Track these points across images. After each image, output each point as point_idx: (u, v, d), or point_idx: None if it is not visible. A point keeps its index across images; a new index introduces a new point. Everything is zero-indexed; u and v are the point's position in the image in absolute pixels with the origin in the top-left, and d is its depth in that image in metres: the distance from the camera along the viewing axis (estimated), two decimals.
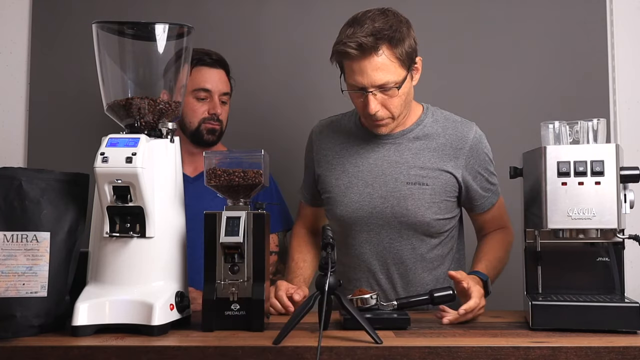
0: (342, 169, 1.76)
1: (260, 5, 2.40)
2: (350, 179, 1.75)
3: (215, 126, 2.00)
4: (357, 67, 1.59)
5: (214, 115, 1.99)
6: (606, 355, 1.17)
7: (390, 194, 1.70)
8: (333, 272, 1.25)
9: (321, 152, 1.82)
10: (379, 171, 1.73)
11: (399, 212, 1.70)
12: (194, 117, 1.98)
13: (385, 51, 1.58)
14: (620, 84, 2.35)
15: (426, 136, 1.73)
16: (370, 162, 1.74)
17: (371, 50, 1.56)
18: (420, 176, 1.70)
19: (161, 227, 1.36)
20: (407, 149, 1.73)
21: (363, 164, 1.74)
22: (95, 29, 1.45)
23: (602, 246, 1.47)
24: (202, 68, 1.99)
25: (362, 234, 1.75)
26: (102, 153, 1.31)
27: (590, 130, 1.42)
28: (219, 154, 1.50)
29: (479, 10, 2.36)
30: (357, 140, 1.78)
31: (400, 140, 1.74)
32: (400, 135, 1.74)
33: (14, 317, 1.28)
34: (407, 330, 1.35)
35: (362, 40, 1.55)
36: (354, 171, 1.75)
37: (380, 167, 1.73)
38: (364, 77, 1.59)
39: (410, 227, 1.71)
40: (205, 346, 1.19)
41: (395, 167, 1.72)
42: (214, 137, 2.01)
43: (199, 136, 2.00)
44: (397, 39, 1.58)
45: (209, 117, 1.99)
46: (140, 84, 1.46)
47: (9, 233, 1.32)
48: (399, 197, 1.70)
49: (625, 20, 2.36)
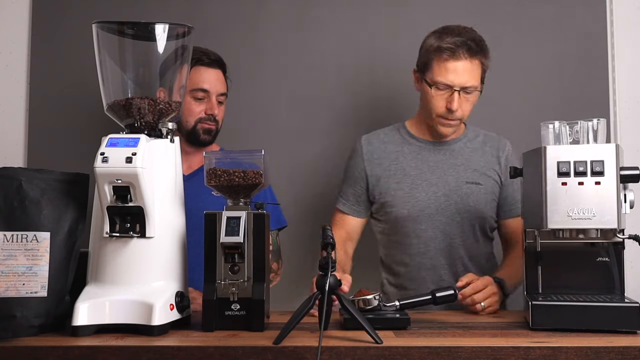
0: (403, 173, 1.92)
1: (260, 5, 2.40)
2: (414, 181, 1.90)
3: (212, 126, 2.00)
4: (452, 66, 1.78)
5: (210, 116, 1.99)
6: (606, 355, 1.17)
7: (454, 192, 1.88)
8: (333, 272, 1.25)
9: (374, 161, 1.95)
10: (440, 172, 1.91)
11: (462, 208, 1.87)
12: (190, 117, 1.98)
13: (479, 60, 1.81)
14: (620, 84, 2.35)
15: (472, 146, 1.95)
16: (430, 165, 1.92)
17: (472, 54, 1.79)
18: (475, 177, 1.90)
19: (161, 227, 1.36)
20: (460, 154, 1.93)
21: (424, 166, 1.92)
22: (95, 29, 1.45)
23: (602, 246, 1.47)
24: (200, 68, 1.99)
25: (427, 232, 1.88)
26: (102, 153, 1.31)
27: (590, 130, 1.42)
28: (219, 153, 1.50)
29: (478, 10, 2.36)
30: (412, 147, 1.95)
31: (453, 147, 1.94)
32: (453, 143, 1.95)
33: (14, 317, 1.28)
34: (407, 330, 1.35)
35: (466, 41, 1.77)
36: (416, 174, 1.91)
37: (441, 168, 1.91)
38: (456, 77, 1.79)
39: (471, 223, 1.88)
40: (205, 346, 1.19)
41: (454, 168, 1.91)
42: (210, 137, 2.01)
43: (195, 136, 2.00)
44: (487, 54, 1.83)
45: (206, 117, 1.99)
46: (140, 84, 1.47)
47: (9, 233, 1.32)
48: (461, 195, 1.88)
49: (625, 20, 2.36)
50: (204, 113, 1.99)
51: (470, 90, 1.81)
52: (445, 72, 1.79)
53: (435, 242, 1.88)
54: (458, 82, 1.79)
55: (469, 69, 1.79)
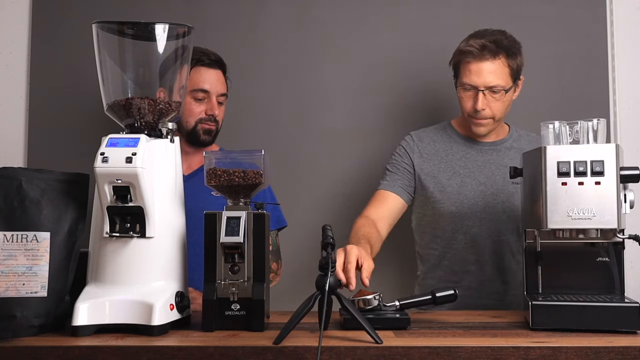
0: (453, 171, 1.99)
1: (260, 5, 2.40)
2: (463, 179, 1.98)
3: (212, 127, 2.00)
4: (475, 67, 1.87)
5: (211, 116, 1.99)
6: (606, 355, 1.17)
7: (501, 191, 1.96)
8: (333, 272, 1.25)
9: (424, 155, 2.02)
10: (488, 172, 1.98)
11: (508, 207, 1.94)
12: (190, 117, 1.98)
13: (501, 59, 1.87)
14: (620, 84, 2.35)
15: (517, 146, 2.00)
16: (479, 164, 1.99)
17: (491, 54, 1.86)
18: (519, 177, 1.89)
19: (161, 227, 1.36)
20: (506, 155, 2.00)
21: (473, 165, 1.99)
22: (95, 29, 1.45)
23: (602, 246, 1.47)
24: (201, 68, 1.99)
25: (473, 228, 1.95)
26: (102, 153, 1.31)
27: (590, 130, 1.42)
28: (219, 153, 1.50)
29: (478, 10, 2.36)
30: (461, 146, 2.03)
31: (499, 147, 2.01)
32: (500, 144, 2.02)
33: (14, 317, 1.28)
34: (407, 330, 1.35)
35: (486, 44, 1.86)
36: (465, 172, 1.98)
37: (489, 168, 1.98)
38: (479, 77, 1.87)
39: (515, 220, 1.92)
40: (205, 346, 1.19)
41: (501, 168, 1.97)
42: (210, 137, 2.01)
43: (195, 136, 2.00)
44: (513, 52, 1.89)
45: (206, 118, 1.99)
46: (140, 84, 1.46)
47: (9, 233, 1.32)
48: (507, 194, 1.95)
49: (625, 20, 2.36)
50: (204, 113, 1.99)
51: (497, 90, 1.88)
52: (469, 74, 1.89)
53: (481, 238, 1.95)
54: (481, 83, 1.87)
55: (492, 69, 1.87)
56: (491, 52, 1.86)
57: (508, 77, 1.89)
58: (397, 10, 2.39)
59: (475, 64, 1.88)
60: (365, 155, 2.35)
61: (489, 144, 2.02)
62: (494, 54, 1.86)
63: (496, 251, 1.96)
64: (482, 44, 1.86)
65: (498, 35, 1.90)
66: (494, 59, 1.87)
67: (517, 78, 1.93)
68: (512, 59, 1.89)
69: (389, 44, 2.37)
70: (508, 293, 1.96)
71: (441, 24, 2.35)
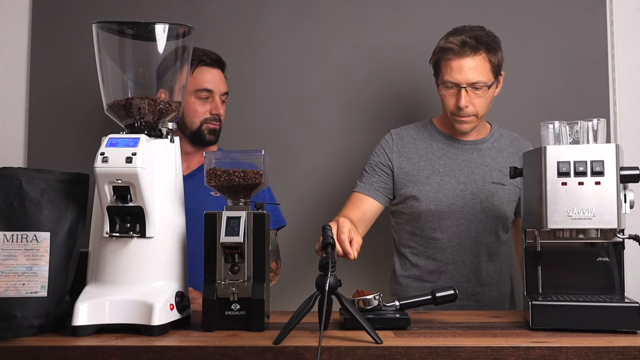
0: (432, 169, 1.97)
1: (260, 5, 2.40)
2: (442, 177, 1.95)
3: (216, 126, 2.01)
4: (456, 64, 1.85)
5: (215, 116, 1.99)
6: (606, 355, 1.17)
7: (480, 191, 1.94)
8: (333, 272, 1.25)
9: (403, 154, 2.00)
10: (468, 171, 1.96)
11: (487, 207, 1.94)
12: (195, 118, 1.99)
13: (482, 54, 1.86)
14: (620, 84, 2.35)
15: (498, 146, 2.01)
16: (459, 163, 1.97)
17: (472, 50, 1.84)
18: (500, 177, 1.96)
19: (161, 227, 1.36)
20: (487, 154, 1.99)
21: (452, 164, 1.97)
22: (95, 29, 1.45)
23: (602, 246, 1.47)
24: (203, 68, 1.99)
25: (452, 228, 1.94)
26: (102, 153, 1.31)
27: (590, 130, 1.42)
28: (219, 153, 1.50)
29: (478, 10, 2.36)
30: (441, 144, 2.00)
31: (480, 146, 2.00)
32: (480, 143, 2.00)
33: (14, 317, 1.28)
34: (407, 330, 1.35)
35: (466, 40, 1.84)
36: (444, 170, 1.96)
37: (469, 167, 1.97)
38: (461, 74, 1.85)
39: (494, 221, 1.94)
40: (205, 346, 1.19)
41: (481, 168, 1.97)
42: (215, 137, 2.02)
43: (201, 136, 2.00)
44: (493, 48, 1.88)
45: (211, 118, 1.99)
46: (140, 84, 1.47)
47: (9, 233, 1.32)
48: (487, 194, 1.94)
49: (625, 20, 2.36)
50: (209, 113, 1.99)
51: (479, 86, 1.86)
52: (450, 71, 1.87)
53: (459, 238, 1.94)
54: (463, 79, 1.85)
55: (473, 65, 1.85)
56: (472, 48, 1.84)
57: (489, 73, 1.88)
58: (397, 10, 2.39)
59: (456, 60, 1.85)
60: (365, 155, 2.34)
61: (470, 142, 2.00)
62: (474, 49, 1.84)
63: (474, 252, 1.94)
64: (462, 40, 1.84)
65: (477, 31, 1.88)
66: (475, 55, 1.85)
67: (498, 73, 1.92)
68: (493, 54, 1.88)
69: (389, 43, 2.37)
70: (485, 294, 1.95)
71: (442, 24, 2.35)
